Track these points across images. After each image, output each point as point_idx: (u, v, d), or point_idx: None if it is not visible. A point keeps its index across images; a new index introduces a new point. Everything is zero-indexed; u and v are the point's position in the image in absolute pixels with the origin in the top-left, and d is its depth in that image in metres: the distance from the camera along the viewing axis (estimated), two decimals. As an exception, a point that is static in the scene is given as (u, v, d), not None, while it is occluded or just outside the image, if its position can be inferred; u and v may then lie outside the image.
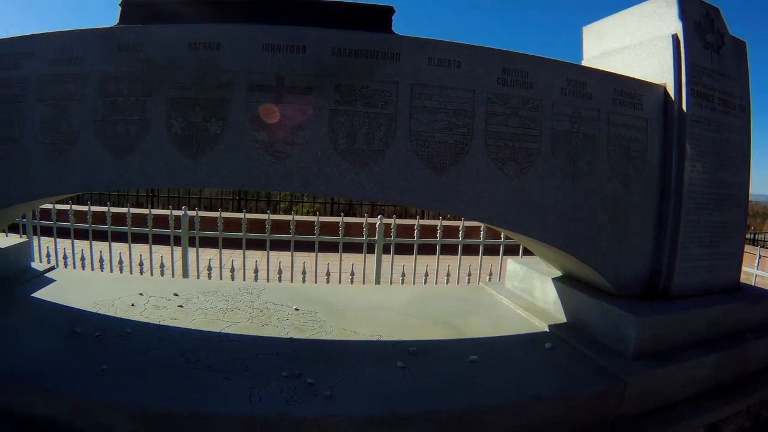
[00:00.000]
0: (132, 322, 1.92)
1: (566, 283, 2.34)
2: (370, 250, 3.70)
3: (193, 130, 1.68)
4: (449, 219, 5.06)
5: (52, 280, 2.18)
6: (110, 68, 1.68)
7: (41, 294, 2.03)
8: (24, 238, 2.23)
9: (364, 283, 3.90)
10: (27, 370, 1.49)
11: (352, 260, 3.76)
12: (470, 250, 3.91)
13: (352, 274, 3.56)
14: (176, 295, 2.26)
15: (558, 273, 2.53)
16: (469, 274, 3.90)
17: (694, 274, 2.21)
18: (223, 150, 1.69)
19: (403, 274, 3.74)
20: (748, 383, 2.07)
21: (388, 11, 1.78)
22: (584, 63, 2.72)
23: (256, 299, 2.34)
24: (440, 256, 3.68)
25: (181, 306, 2.14)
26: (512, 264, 2.85)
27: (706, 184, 2.22)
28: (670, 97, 2.14)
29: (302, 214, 8.31)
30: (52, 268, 2.33)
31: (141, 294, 2.20)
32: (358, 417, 1.43)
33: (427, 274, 3.72)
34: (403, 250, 3.84)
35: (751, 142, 2.39)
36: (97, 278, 2.44)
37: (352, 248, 3.72)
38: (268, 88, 1.68)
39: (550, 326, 2.21)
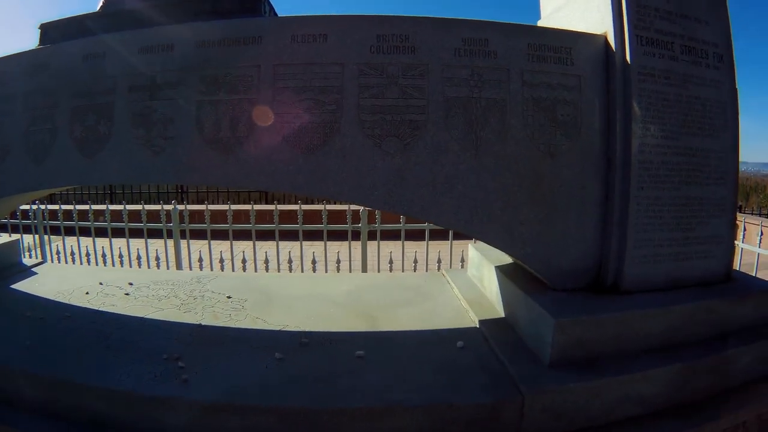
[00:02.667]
0: (75, 308, 1.97)
1: (505, 272, 1.86)
2: (358, 237, 3.48)
3: (88, 133, 1.66)
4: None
5: (34, 274, 2.33)
6: (29, 86, 1.74)
7: (18, 285, 2.17)
8: (12, 237, 2.50)
9: (350, 271, 3.70)
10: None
11: (338, 248, 3.59)
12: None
13: (338, 261, 3.36)
14: (131, 284, 2.26)
15: (509, 260, 2.09)
16: (462, 260, 3.46)
17: (654, 264, 1.61)
18: (112, 148, 1.64)
19: (391, 261, 3.40)
20: (727, 400, 1.47)
21: (257, -5, 1.62)
22: (540, 23, 2.24)
23: (199, 288, 2.25)
24: (430, 241, 3.27)
25: (127, 294, 2.13)
26: (471, 249, 2.41)
27: (668, 152, 1.61)
28: (612, 48, 1.63)
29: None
30: (40, 263, 2.50)
31: (101, 283, 2.24)
32: (199, 401, 1.30)
33: (416, 261, 3.37)
34: (394, 236, 3.42)
35: (737, 99, 1.71)
36: (75, 271, 2.57)
37: (344, 236, 3.42)
38: (143, 87, 1.59)
39: (481, 322, 1.78)
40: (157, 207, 3.28)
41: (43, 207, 3.30)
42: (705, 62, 1.65)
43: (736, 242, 3.03)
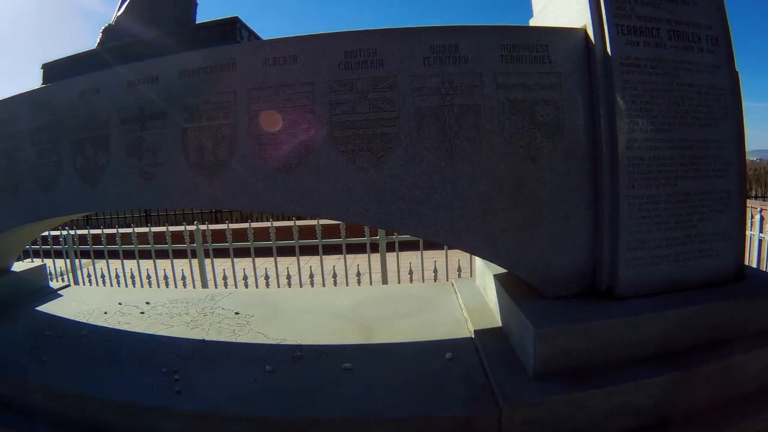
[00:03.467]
0: (92, 327, 2.16)
1: (501, 280, 1.85)
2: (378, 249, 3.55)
3: (89, 164, 1.83)
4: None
5: (60, 296, 2.56)
6: (35, 123, 1.93)
7: (43, 307, 2.39)
8: (38, 262, 2.75)
9: (371, 283, 3.80)
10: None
11: (358, 261, 3.68)
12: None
13: (359, 274, 3.45)
14: (147, 303, 2.43)
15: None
16: (484, 267, 3.47)
17: (652, 266, 1.55)
18: (109, 177, 1.79)
19: (411, 272, 3.43)
20: (738, 408, 1.39)
21: (233, 22, 1.70)
22: (532, 21, 2.20)
23: (212, 305, 2.38)
24: (450, 249, 3.29)
25: (142, 313, 2.30)
26: (478, 258, 2.43)
27: (660, 146, 1.54)
28: (591, 41, 1.59)
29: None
30: (66, 286, 2.73)
31: (120, 303, 2.42)
32: (188, 411, 1.42)
33: (435, 270, 3.34)
34: (414, 245, 3.37)
35: (738, 83, 1.59)
36: (98, 292, 2.77)
37: (365, 249, 3.44)
38: (134, 119, 1.73)
39: (476, 332, 1.78)
40: (181, 228, 3.48)
41: (72, 232, 3.59)
42: (697, 46, 1.57)
43: (762, 235, 2.86)
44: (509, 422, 1.30)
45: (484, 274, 2.18)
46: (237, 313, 2.25)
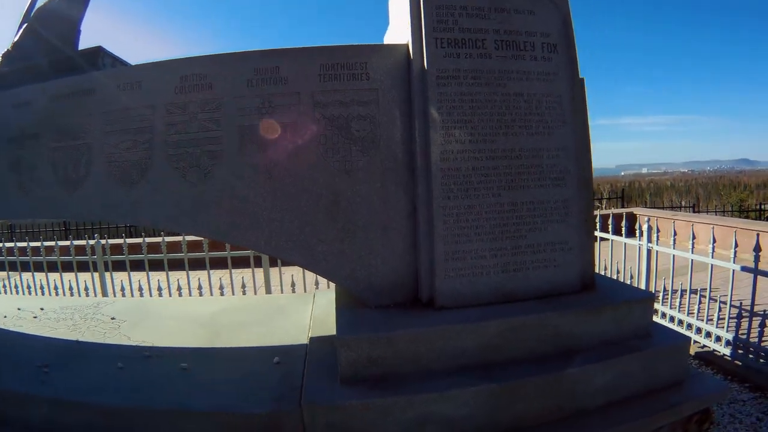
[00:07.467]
0: (-11, 329, 2.85)
1: (338, 290, 2.21)
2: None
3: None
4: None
5: None
6: None
7: None
8: None
9: (255, 294, 4.50)
10: None
11: (244, 273, 4.28)
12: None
13: (243, 286, 4.04)
14: (42, 309, 3.07)
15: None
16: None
17: (476, 277, 1.82)
18: None
19: (293, 284, 4.09)
20: (575, 425, 1.62)
21: (95, 52, 2.27)
22: (386, 37, 2.53)
23: (94, 311, 2.99)
24: None
25: (35, 317, 2.92)
26: None
27: (480, 156, 1.82)
28: (411, 57, 1.95)
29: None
30: None
31: (19, 309, 3.08)
32: (45, 397, 1.91)
33: (317, 283, 3.97)
34: None
35: (583, 90, 1.84)
36: (3, 299, 3.51)
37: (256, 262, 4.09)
38: (17, 138, 2.34)
39: (311, 339, 2.16)
40: (83, 242, 4.37)
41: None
42: (530, 55, 1.86)
43: (650, 245, 3.05)
44: (312, 425, 1.61)
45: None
46: (113, 319, 2.80)
